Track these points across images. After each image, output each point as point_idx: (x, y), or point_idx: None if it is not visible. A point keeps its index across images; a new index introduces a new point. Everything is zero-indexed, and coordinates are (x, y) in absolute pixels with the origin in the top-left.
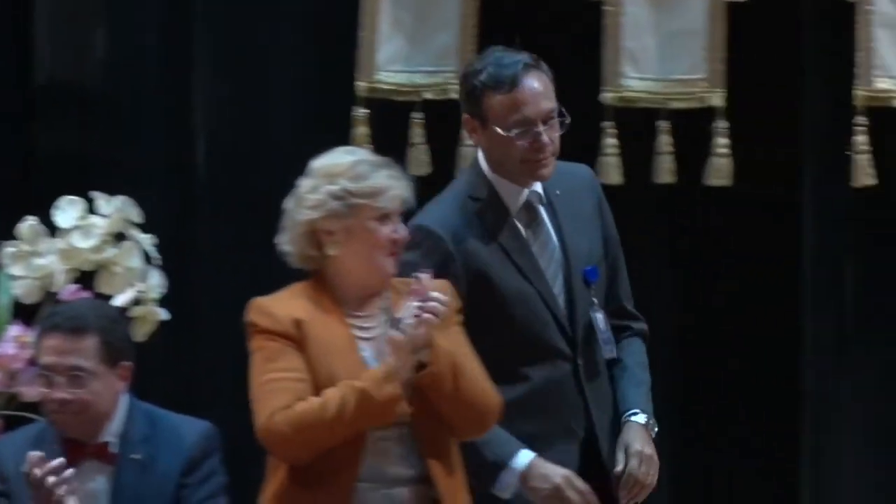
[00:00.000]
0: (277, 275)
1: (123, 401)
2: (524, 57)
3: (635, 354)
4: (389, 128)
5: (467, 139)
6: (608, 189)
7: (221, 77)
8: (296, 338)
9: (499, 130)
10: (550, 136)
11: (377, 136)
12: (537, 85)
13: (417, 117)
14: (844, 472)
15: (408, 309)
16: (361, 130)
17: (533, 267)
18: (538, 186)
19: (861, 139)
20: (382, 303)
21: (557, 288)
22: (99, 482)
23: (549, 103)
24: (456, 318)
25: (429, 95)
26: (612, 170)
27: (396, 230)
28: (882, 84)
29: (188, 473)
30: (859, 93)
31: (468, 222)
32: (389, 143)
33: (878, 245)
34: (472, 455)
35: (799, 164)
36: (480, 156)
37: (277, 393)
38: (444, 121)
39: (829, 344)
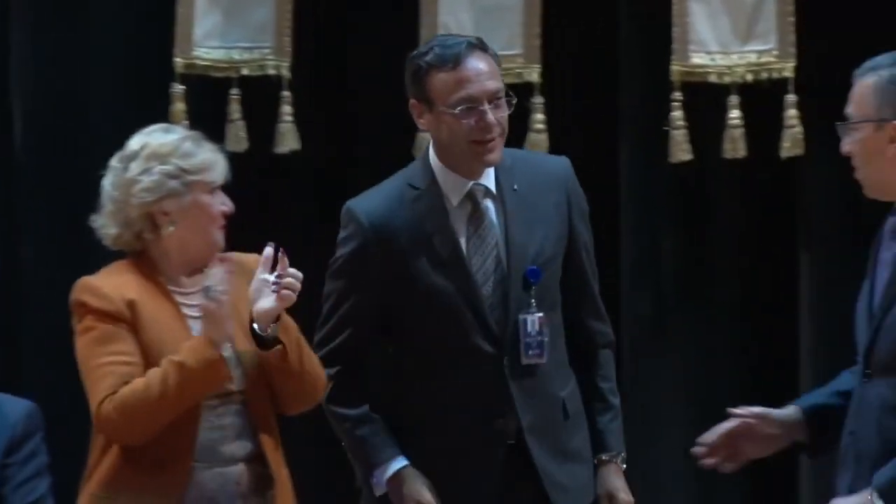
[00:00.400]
0: (101, 254)
1: None
2: (469, 38)
3: (607, 378)
4: (209, 104)
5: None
6: None
7: (39, 55)
8: (128, 319)
9: (443, 109)
10: (497, 116)
11: (196, 112)
12: (482, 65)
13: (234, 93)
14: (659, 438)
15: (216, 276)
16: (178, 107)
17: (457, 261)
18: (488, 180)
19: (677, 115)
20: (207, 280)
21: (490, 286)
22: None
23: (495, 83)
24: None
25: (246, 71)
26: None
27: (225, 202)
28: (698, 59)
29: (10, 453)
30: (675, 68)
31: (400, 210)
32: (207, 120)
33: (695, 221)
34: (354, 448)
35: (616, 140)
36: (431, 144)
37: (106, 378)
38: (261, 97)
39: (646, 319)
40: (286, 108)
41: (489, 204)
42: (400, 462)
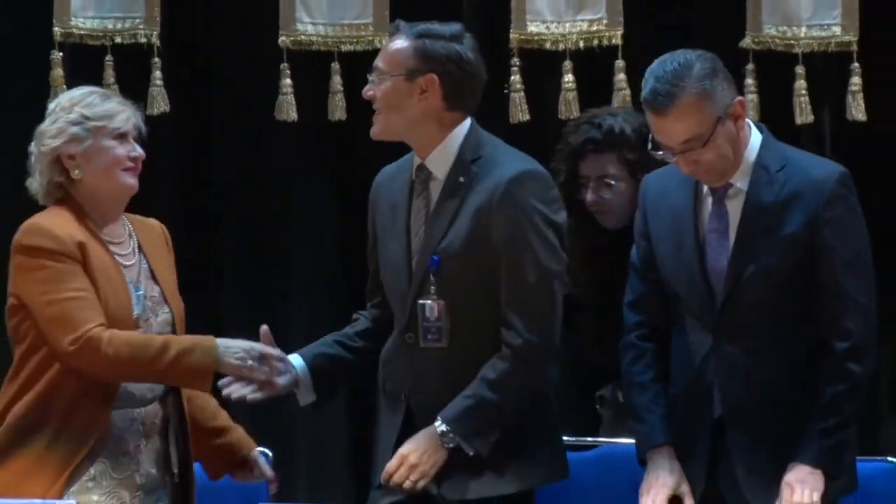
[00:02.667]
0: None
1: None
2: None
3: (488, 372)
4: (85, 71)
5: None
6: None
7: None
8: (80, 260)
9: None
10: (373, 90)
11: (74, 79)
12: (388, 43)
13: (109, 60)
14: None
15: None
16: (57, 73)
17: (397, 237)
18: (434, 165)
19: (516, 79)
20: (127, 230)
21: (413, 266)
22: None
23: (378, 61)
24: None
25: (119, 40)
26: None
27: (134, 149)
28: (534, 28)
29: None
30: (513, 35)
31: (400, 178)
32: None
33: None
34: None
35: None
36: None
37: (84, 309)
38: (135, 63)
39: None
40: (157, 74)
41: (430, 186)
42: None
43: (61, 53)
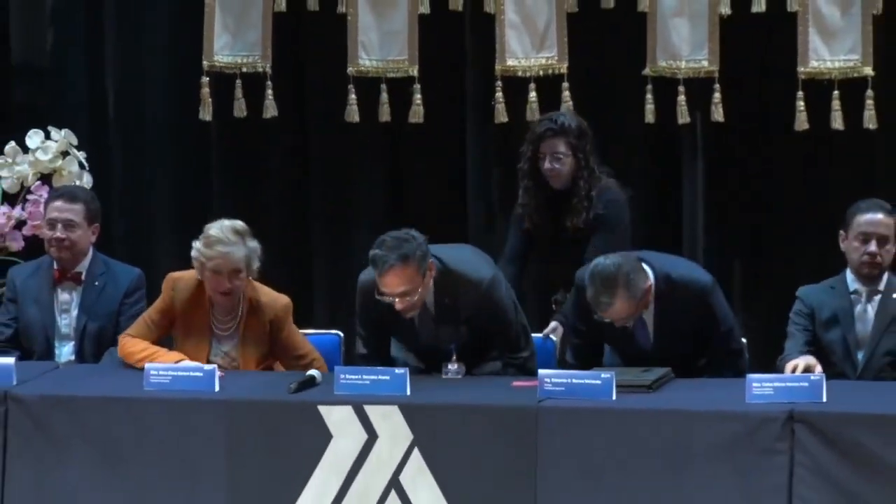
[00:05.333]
0: None
1: (91, 249)
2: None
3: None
4: (225, 91)
5: None
6: None
7: (127, 56)
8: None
9: None
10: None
11: (217, 97)
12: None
13: (238, 83)
14: None
15: None
16: (205, 91)
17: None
18: (429, 299)
19: (499, 95)
20: None
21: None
22: (73, 294)
23: (405, 288)
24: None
25: (244, 69)
26: None
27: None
28: (510, 62)
29: (126, 297)
30: (497, 66)
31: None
32: (225, 100)
33: None
34: None
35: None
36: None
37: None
38: (255, 85)
39: None
40: (269, 92)
41: (429, 308)
42: None
43: (207, 78)
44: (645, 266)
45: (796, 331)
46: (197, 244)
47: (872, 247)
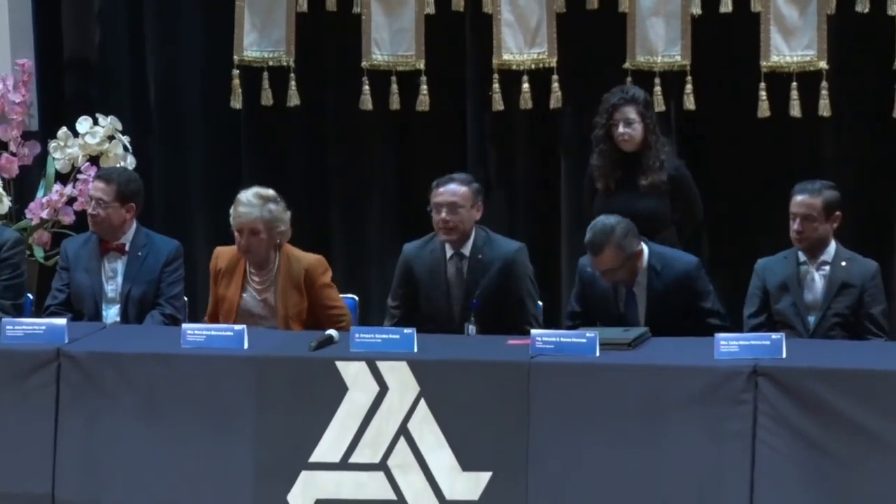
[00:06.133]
0: None
1: (134, 223)
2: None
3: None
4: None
5: None
6: None
7: (168, 53)
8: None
9: None
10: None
11: (245, 87)
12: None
13: (265, 76)
14: None
15: None
16: (235, 83)
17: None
18: (465, 249)
19: (496, 86)
20: None
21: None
22: (118, 263)
23: (456, 198)
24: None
25: (271, 63)
26: None
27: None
28: (506, 56)
29: (166, 266)
30: (494, 61)
31: (423, 252)
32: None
33: None
34: None
35: None
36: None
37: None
38: (279, 77)
39: None
40: (292, 83)
41: (464, 262)
42: None
43: (237, 71)
44: (643, 243)
45: (752, 298)
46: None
47: (796, 225)
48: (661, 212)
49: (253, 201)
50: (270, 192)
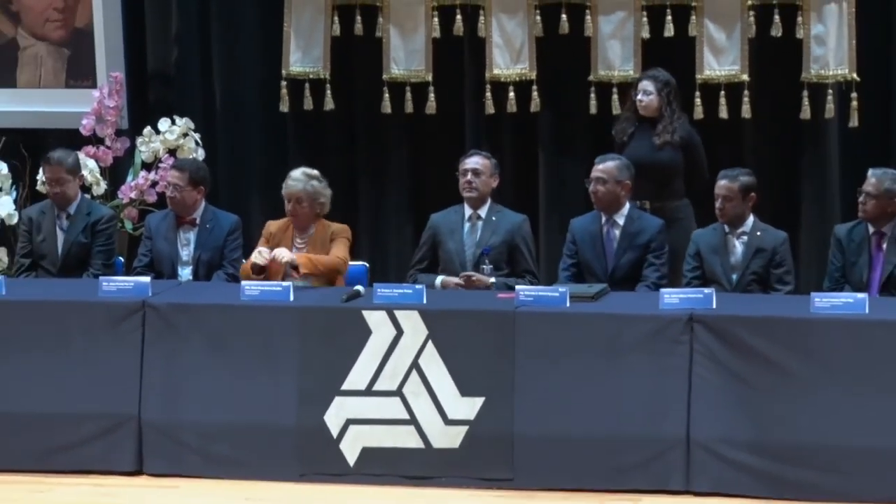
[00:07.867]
0: None
1: (203, 202)
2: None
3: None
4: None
5: None
6: None
7: (233, 62)
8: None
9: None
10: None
11: (292, 96)
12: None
13: (306, 86)
14: None
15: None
16: (283, 93)
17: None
18: (482, 211)
19: (488, 95)
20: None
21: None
22: (191, 234)
23: (478, 164)
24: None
25: (311, 76)
26: None
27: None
28: (496, 70)
29: (228, 236)
30: (487, 74)
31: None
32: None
33: None
34: None
35: None
36: None
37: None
38: (318, 86)
39: None
40: (328, 92)
41: (479, 222)
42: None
43: (285, 82)
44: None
45: (687, 261)
46: None
47: (719, 203)
48: (674, 164)
49: (300, 177)
50: (315, 171)
